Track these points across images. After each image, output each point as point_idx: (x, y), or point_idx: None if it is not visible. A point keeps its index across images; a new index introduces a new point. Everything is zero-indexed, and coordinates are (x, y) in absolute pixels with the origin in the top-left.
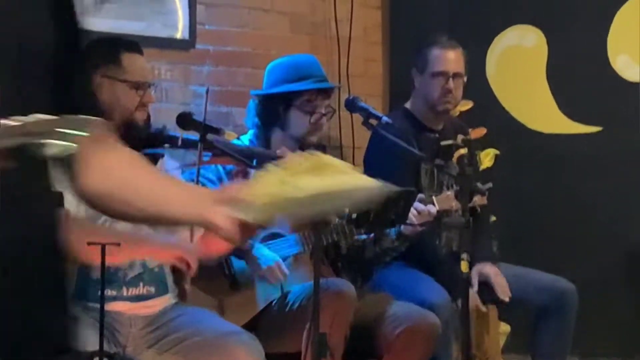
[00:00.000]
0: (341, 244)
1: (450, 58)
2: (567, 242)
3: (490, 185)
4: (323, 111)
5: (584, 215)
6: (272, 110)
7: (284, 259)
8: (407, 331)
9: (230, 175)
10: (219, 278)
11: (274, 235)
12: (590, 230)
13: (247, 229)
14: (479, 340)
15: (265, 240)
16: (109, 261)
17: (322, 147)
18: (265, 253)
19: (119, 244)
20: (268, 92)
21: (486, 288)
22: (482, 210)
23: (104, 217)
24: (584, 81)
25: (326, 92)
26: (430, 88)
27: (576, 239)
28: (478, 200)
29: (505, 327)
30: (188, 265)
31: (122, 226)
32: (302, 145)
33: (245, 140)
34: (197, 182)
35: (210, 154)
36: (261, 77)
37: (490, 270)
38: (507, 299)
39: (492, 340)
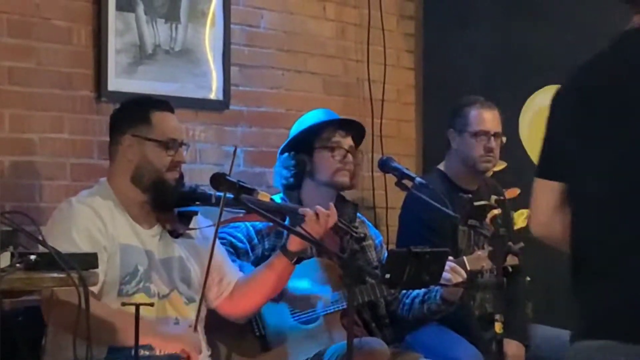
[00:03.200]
0: (378, 304)
1: (490, 118)
2: None
3: (522, 245)
4: (346, 147)
5: None
6: (298, 161)
7: (311, 322)
8: None
9: (261, 235)
10: (250, 338)
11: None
12: None
13: None
14: None
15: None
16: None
17: (354, 205)
18: (301, 286)
19: (152, 305)
20: (287, 141)
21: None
22: (516, 276)
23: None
24: None
25: (345, 128)
26: (471, 148)
27: None
28: (509, 260)
29: None
30: (189, 356)
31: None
32: (337, 196)
33: (277, 199)
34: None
35: (243, 210)
36: None
37: (513, 351)
38: None
39: None
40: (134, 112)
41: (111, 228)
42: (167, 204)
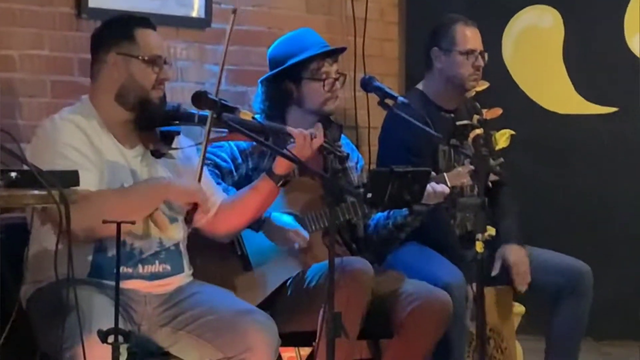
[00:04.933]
0: (357, 225)
1: (475, 36)
2: (582, 224)
3: (501, 160)
4: (334, 76)
5: (600, 195)
6: (284, 90)
7: None
8: (419, 308)
9: (245, 155)
10: (232, 258)
11: None
12: (606, 211)
13: None
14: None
15: None
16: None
17: (339, 126)
18: (284, 219)
19: (134, 222)
20: (274, 72)
21: (505, 270)
22: (502, 189)
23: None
24: (600, 62)
25: (333, 56)
26: (460, 66)
27: (592, 220)
28: (490, 177)
29: (520, 309)
30: (196, 205)
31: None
32: (320, 119)
33: (259, 118)
34: (204, 157)
35: (226, 130)
36: None
37: (515, 254)
38: (522, 290)
39: (507, 321)
40: (118, 29)
41: (97, 144)
42: (151, 122)
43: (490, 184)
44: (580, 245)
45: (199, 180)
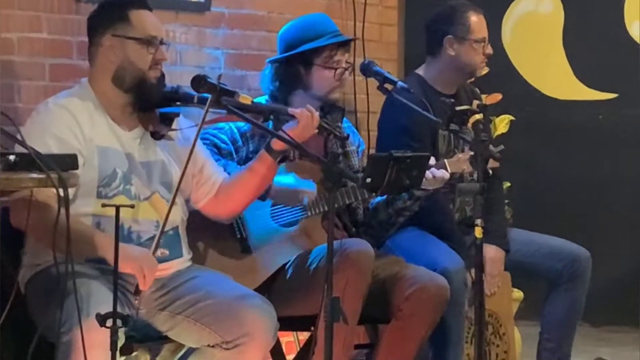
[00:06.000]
0: (357, 209)
1: (484, 23)
2: (581, 209)
3: (502, 147)
4: (345, 65)
5: (599, 181)
6: (293, 73)
7: (293, 224)
8: (416, 293)
9: (245, 137)
10: (231, 241)
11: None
12: (605, 196)
13: None
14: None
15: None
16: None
17: (341, 110)
18: (286, 181)
19: (132, 206)
20: (287, 55)
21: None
22: (495, 182)
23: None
24: (600, 48)
25: (346, 46)
26: (475, 54)
27: (590, 205)
28: (490, 163)
29: (518, 294)
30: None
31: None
32: (323, 105)
33: (262, 101)
34: (197, 138)
35: (224, 111)
36: (276, 40)
37: (492, 255)
38: (488, 293)
39: (505, 307)
40: (112, 12)
41: (88, 130)
42: (149, 103)
43: (490, 171)
44: (579, 231)
45: (187, 163)
